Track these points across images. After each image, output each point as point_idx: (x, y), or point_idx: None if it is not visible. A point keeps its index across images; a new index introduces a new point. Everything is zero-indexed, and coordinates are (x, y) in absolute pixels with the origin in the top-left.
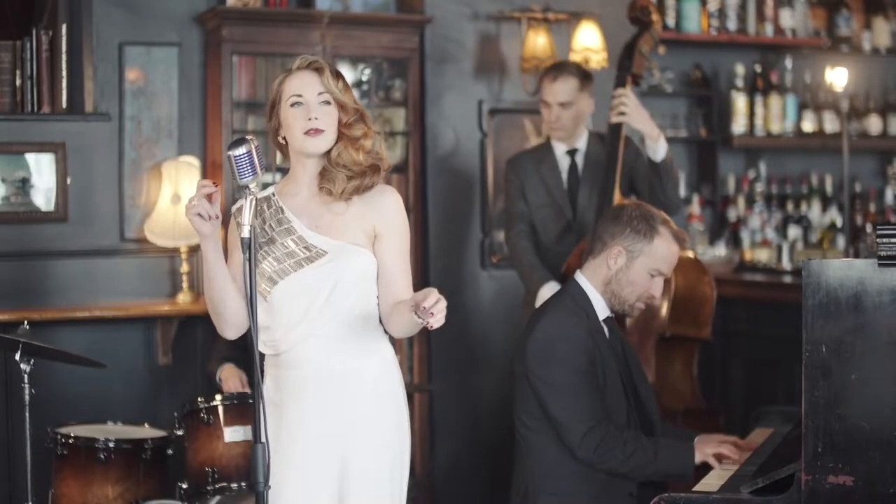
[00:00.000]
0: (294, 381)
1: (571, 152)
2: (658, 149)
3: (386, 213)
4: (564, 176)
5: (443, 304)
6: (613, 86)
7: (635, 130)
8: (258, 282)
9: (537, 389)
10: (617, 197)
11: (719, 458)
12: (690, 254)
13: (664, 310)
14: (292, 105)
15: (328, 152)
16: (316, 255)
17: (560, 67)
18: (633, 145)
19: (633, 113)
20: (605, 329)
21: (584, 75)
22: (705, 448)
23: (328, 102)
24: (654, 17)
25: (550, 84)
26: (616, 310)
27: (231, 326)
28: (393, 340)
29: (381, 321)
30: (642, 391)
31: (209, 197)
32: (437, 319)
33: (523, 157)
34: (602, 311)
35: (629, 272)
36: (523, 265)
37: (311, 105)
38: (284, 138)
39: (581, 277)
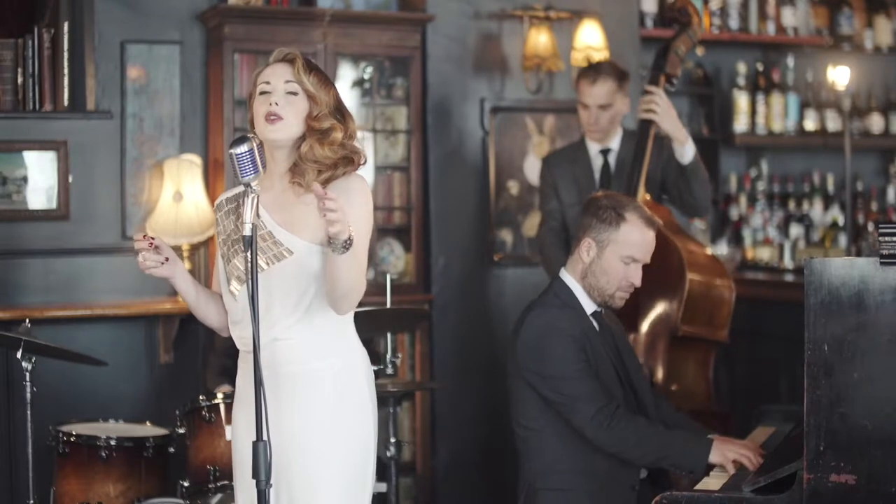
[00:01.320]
0: (265, 380)
1: (605, 152)
2: (685, 152)
3: (343, 200)
4: (597, 175)
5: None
6: (647, 83)
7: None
8: (229, 277)
9: (535, 385)
10: (641, 195)
11: (738, 466)
12: (709, 252)
13: (678, 309)
14: (260, 93)
15: (298, 147)
16: (281, 254)
17: (598, 69)
18: (666, 146)
19: (663, 113)
20: (594, 323)
21: (621, 76)
22: (726, 451)
23: (294, 93)
24: (694, 17)
25: (590, 86)
26: (598, 302)
27: (219, 330)
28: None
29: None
30: (636, 380)
31: (152, 247)
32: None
33: (557, 156)
34: (588, 305)
35: (601, 262)
36: (548, 261)
37: (275, 92)
38: None
39: (565, 274)
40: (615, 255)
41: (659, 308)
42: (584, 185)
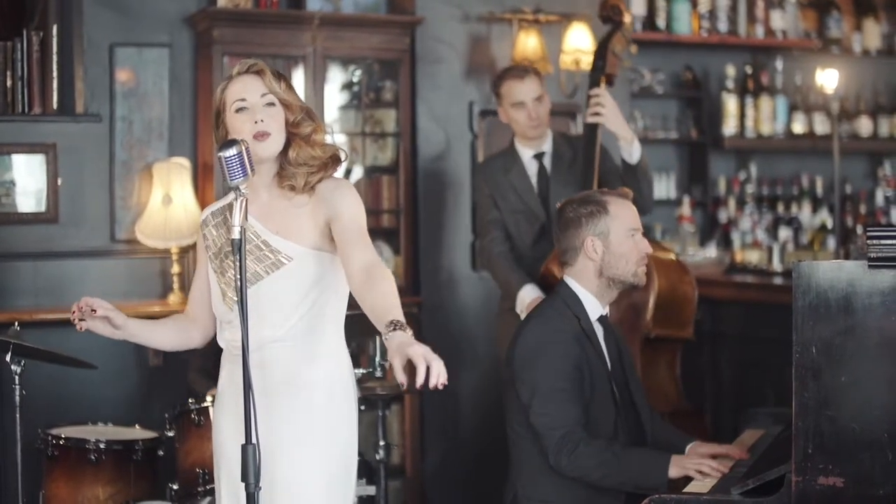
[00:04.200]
0: (254, 382)
1: (538, 156)
2: (633, 151)
3: (335, 199)
4: (534, 181)
5: (437, 364)
6: (588, 87)
7: (607, 131)
8: (224, 291)
9: (521, 394)
10: None
11: (702, 473)
12: (671, 255)
13: (649, 310)
14: (237, 111)
15: (285, 153)
16: (280, 262)
17: (516, 68)
18: (602, 147)
19: (609, 114)
20: (601, 328)
21: (539, 74)
22: (685, 464)
23: (272, 104)
24: (626, 16)
25: (520, 83)
26: (627, 284)
27: (175, 348)
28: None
29: (340, 323)
30: (635, 394)
31: (93, 312)
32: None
33: (490, 165)
34: (594, 310)
35: (612, 249)
36: (500, 271)
37: (255, 108)
38: None
39: (570, 279)
40: (621, 235)
41: (629, 312)
42: (522, 191)
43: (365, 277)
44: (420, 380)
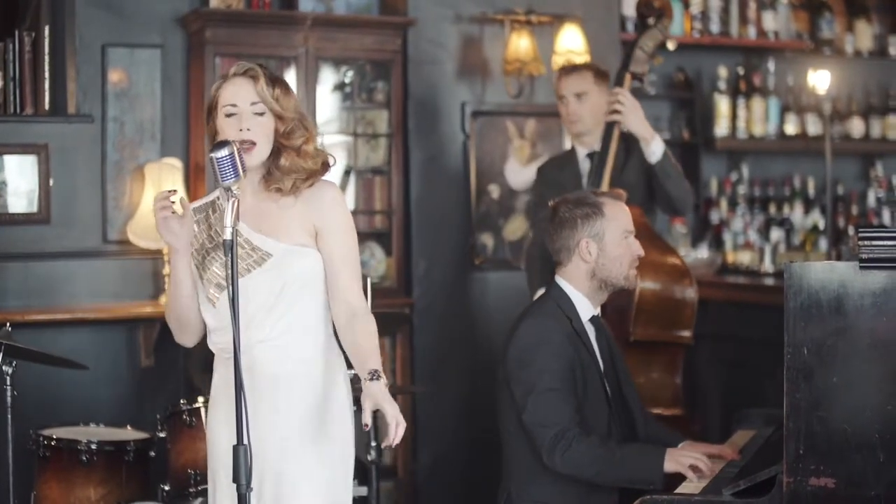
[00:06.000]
0: (245, 383)
1: (591, 155)
2: (651, 151)
3: (325, 209)
4: (584, 180)
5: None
6: (613, 83)
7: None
8: (206, 287)
9: (514, 393)
10: None
11: (695, 469)
12: (668, 257)
13: (630, 314)
14: (227, 115)
15: (275, 160)
16: (261, 259)
17: (573, 64)
18: (639, 148)
19: (628, 114)
20: (592, 329)
21: (598, 70)
22: (680, 458)
23: (262, 113)
24: (664, 12)
25: (565, 77)
26: (618, 287)
27: (192, 334)
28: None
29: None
30: (627, 394)
31: (180, 203)
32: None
33: (548, 165)
34: (586, 310)
35: (606, 251)
36: (528, 273)
37: (244, 115)
38: None
39: (561, 280)
40: (615, 237)
41: (613, 315)
42: (571, 191)
43: (347, 320)
44: (388, 441)
